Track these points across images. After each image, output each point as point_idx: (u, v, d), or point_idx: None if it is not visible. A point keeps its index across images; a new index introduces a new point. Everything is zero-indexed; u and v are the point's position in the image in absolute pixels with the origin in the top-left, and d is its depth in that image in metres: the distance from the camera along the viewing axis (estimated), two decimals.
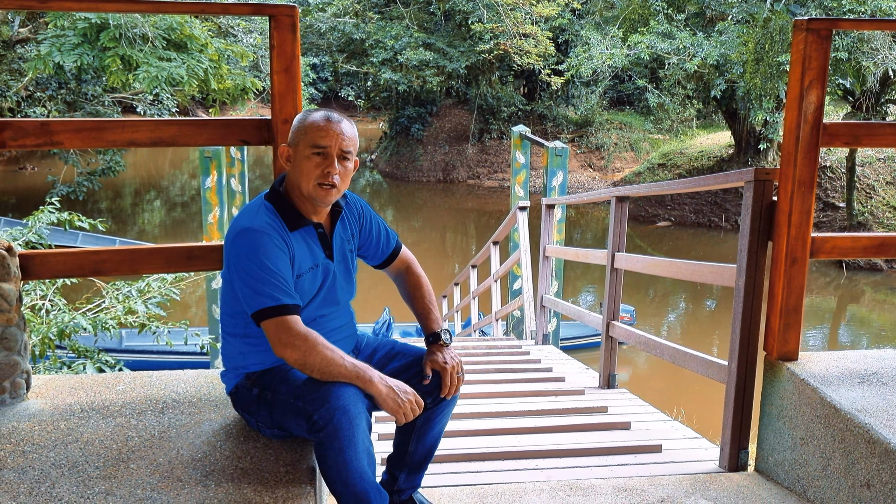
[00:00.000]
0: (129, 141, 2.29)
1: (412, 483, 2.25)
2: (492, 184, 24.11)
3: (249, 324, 2.01)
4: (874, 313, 13.60)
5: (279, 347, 1.91)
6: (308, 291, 2.04)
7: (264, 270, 1.91)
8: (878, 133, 2.59)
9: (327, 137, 1.98)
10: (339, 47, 24.42)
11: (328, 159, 1.99)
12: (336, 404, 1.83)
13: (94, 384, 2.47)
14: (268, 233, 1.94)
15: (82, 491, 1.85)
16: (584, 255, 5.27)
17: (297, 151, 2.00)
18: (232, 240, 1.96)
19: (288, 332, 1.90)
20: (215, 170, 9.80)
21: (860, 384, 2.53)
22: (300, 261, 2.01)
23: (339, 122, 2.00)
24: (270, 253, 1.92)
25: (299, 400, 1.91)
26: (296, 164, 2.01)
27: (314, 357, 1.89)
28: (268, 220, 1.97)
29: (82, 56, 10.40)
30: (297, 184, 2.01)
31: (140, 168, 27.99)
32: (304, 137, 1.99)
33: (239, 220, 1.99)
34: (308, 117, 2.01)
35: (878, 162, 17.21)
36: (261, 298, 1.91)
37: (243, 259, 1.93)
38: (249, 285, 1.92)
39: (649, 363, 10.90)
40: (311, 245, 2.05)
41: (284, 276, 1.94)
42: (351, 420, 1.83)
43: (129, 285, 5.36)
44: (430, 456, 2.24)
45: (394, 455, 2.24)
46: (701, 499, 2.52)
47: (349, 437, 1.83)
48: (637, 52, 18.02)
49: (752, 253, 2.74)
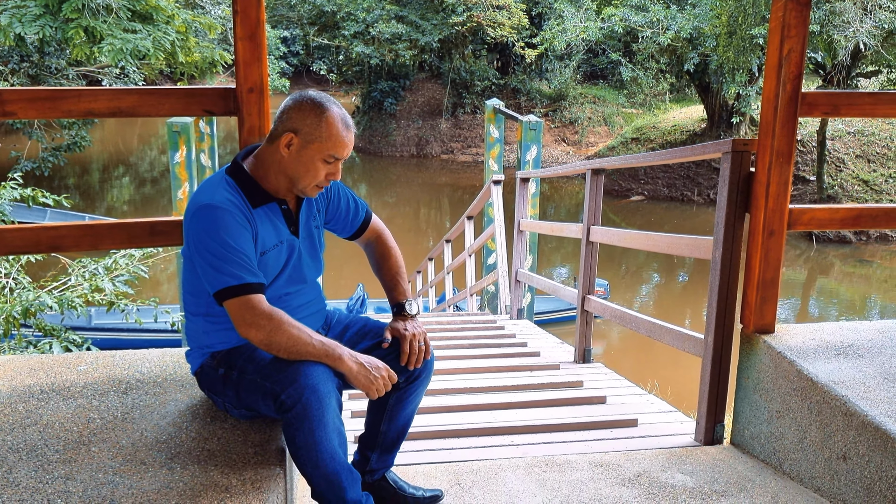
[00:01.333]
0: (86, 111, 2.19)
1: (385, 463, 2.20)
2: (466, 158, 24.01)
3: (212, 302, 1.93)
4: (843, 285, 13.78)
5: (243, 328, 1.83)
6: (272, 269, 1.97)
7: (226, 248, 1.82)
8: (858, 102, 2.56)
9: (346, 149, 1.91)
10: (310, 20, 24.06)
11: (335, 166, 1.93)
12: (304, 383, 1.76)
13: (54, 365, 2.38)
14: (229, 209, 1.85)
15: (41, 476, 1.77)
16: (560, 229, 5.23)
17: (307, 148, 1.88)
18: (191, 216, 1.87)
19: (252, 311, 1.82)
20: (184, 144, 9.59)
21: (836, 356, 2.52)
22: (263, 238, 1.93)
23: (352, 133, 1.93)
24: (232, 230, 1.84)
25: (266, 380, 1.85)
26: (301, 158, 1.89)
27: (280, 336, 1.82)
28: (229, 197, 1.88)
29: (44, 27, 10.11)
30: (292, 174, 1.91)
31: (108, 144, 27.48)
32: (324, 144, 1.88)
33: (198, 195, 1.89)
34: (328, 119, 1.88)
35: (849, 136, 17.36)
36: (222, 277, 1.83)
37: (203, 236, 1.84)
38: (210, 263, 1.83)
39: (623, 338, 10.96)
40: (274, 222, 1.97)
41: (247, 254, 1.85)
42: (320, 399, 1.77)
43: (95, 262, 5.24)
44: (402, 436, 2.19)
45: (365, 435, 2.18)
46: (677, 472, 2.50)
47: (318, 417, 1.77)
48: (611, 25, 17.94)
49: (730, 225, 2.70)
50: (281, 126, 1.90)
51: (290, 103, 1.92)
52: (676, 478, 2.46)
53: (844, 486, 2.22)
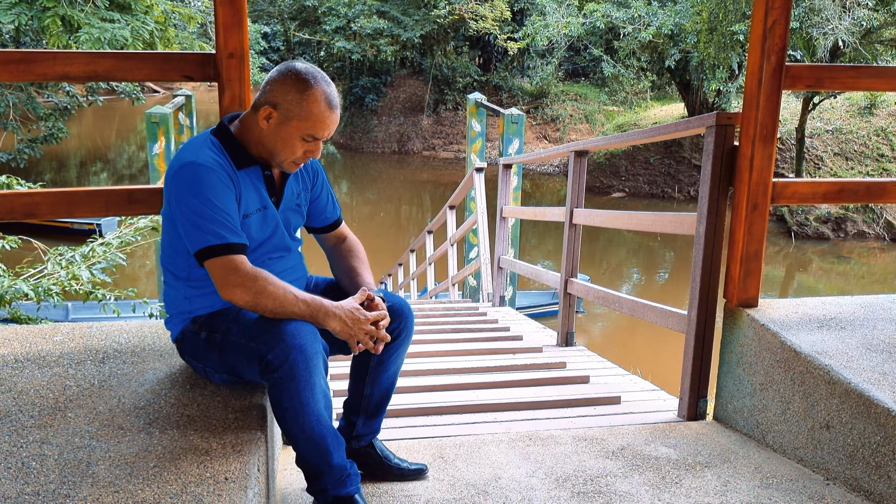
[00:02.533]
0: (62, 74, 2.14)
1: (371, 428, 2.17)
2: (447, 155, 23.99)
3: (193, 265, 1.90)
4: (821, 282, 13.90)
5: (226, 289, 1.79)
6: (257, 234, 1.93)
7: (208, 206, 1.78)
8: (840, 76, 2.57)
9: (324, 131, 1.86)
10: (290, 14, 23.98)
11: (316, 143, 1.89)
12: (291, 343, 1.73)
13: (29, 335, 2.33)
14: (213, 168, 1.81)
15: (15, 440, 1.73)
16: (542, 214, 5.22)
17: (287, 124, 1.84)
18: (174, 173, 1.83)
19: (235, 272, 1.79)
20: (163, 136, 9.50)
21: (819, 329, 2.52)
22: (247, 200, 1.89)
23: (336, 113, 1.87)
24: (216, 188, 1.80)
25: (252, 341, 1.81)
26: (279, 133, 1.85)
27: (265, 297, 1.78)
28: (214, 156, 1.84)
29: (20, 16, 9.96)
30: (270, 147, 1.87)
31: (85, 139, 27.18)
32: (302, 121, 1.82)
33: (182, 153, 1.85)
34: (311, 97, 1.82)
35: (827, 134, 17.53)
36: (205, 236, 1.79)
37: (186, 194, 1.79)
38: (193, 222, 1.79)
39: (604, 332, 11.00)
40: (257, 186, 1.93)
41: (230, 213, 1.82)
42: (307, 359, 1.74)
43: (72, 250, 5.16)
44: (386, 399, 2.15)
45: (349, 400, 2.15)
46: (661, 446, 2.50)
47: (306, 378, 1.74)
48: (592, 21, 18.00)
49: (713, 199, 2.70)
50: (262, 97, 1.87)
51: (274, 75, 1.87)
52: (660, 450, 2.45)
53: (827, 455, 2.22)
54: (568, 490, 2.15)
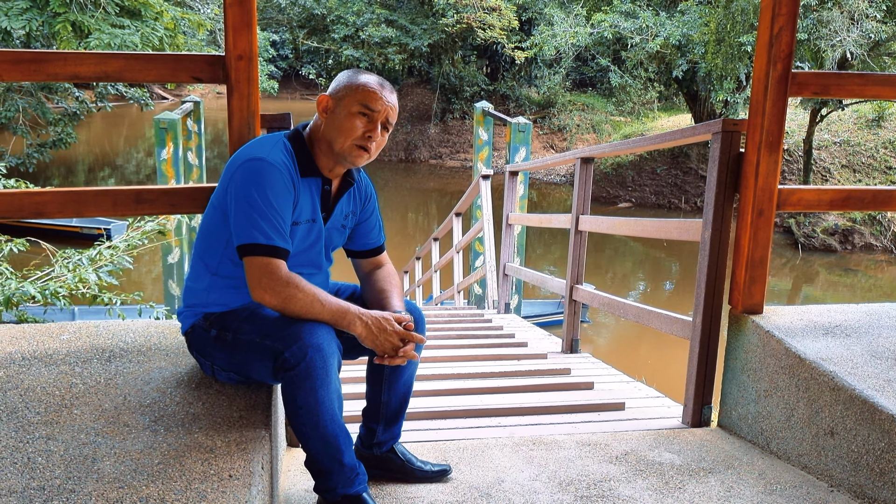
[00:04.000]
0: (72, 74, 2.16)
1: (391, 434, 2.17)
2: (454, 164, 24.01)
3: (224, 262, 1.92)
4: (828, 294, 13.84)
5: (257, 290, 1.81)
6: (297, 244, 1.94)
7: (266, 204, 1.81)
8: (847, 83, 2.57)
9: (379, 102, 1.91)
10: (299, 23, 24.06)
11: (373, 123, 1.91)
12: (310, 341, 1.75)
13: (36, 333, 2.34)
14: (280, 169, 1.84)
15: (21, 436, 1.74)
16: (548, 220, 5.23)
17: (340, 105, 1.91)
18: (240, 165, 1.85)
19: (270, 276, 1.80)
20: (171, 141, 9.52)
21: (824, 335, 2.52)
22: (301, 208, 1.92)
23: (391, 92, 1.95)
24: (278, 189, 1.83)
25: (268, 338, 1.82)
26: (336, 117, 1.91)
27: (294, 304, 1.80)
28: (282, 158, 1.88)
29: (31, 21, 10.04)
30: (330, 137, 1.92)
31: (94, 144, 27.31)
32: (353, 94, 1.90)
33: (252, 148, 1.88)
34: (360, 76, 1.93)
35: (834, 146, 17.51)
36: (253, 232, 1.80)
37: (248, 185, 1.82)
38: (247, 214, 1.81)
39: (609, 340, 10.97)
40: (314, 197, 1.96)
41: (284, 218, 1.84)
42: (325, 358, 1.76)
43: (79, 253, 5.18)
44: (405, 405, 2.16)
45: (368, 408, 2.16)
46: (665, 451, 2.49)
47: (322, 377, 1.76)
48: (600, 31, 18.03)
49: (719, 205, 2.70)
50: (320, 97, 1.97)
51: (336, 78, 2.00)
52: (664, 456, 2.45)
53: (832, 462, 2.21)
54: (571, 494, 2.15)
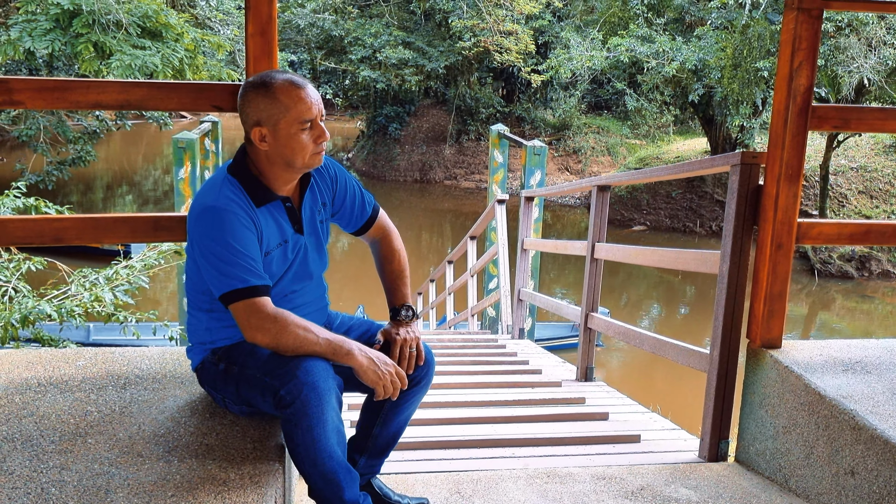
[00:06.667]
0: (94, 102, 2.18)
1: (371, 469, 2.15)
2: (469, 185, 24.05)
3: (215, 303, 1.91)
4: (845, 321, 13.71)
5: (249, 331, 1.80)
6: (277, 268, 1.93)
7: (230, 251, 1.79)
8: (868, 117, 2.55)
9: (311, 108, 1.84)
10: (317, 44, 24.25)
11: (316, 128, 1.86)
12: (304, 380, 1.73)
13: (52, 359, 2.35)
14: (233, 210, 1.81)
15: (35, 465, 1.74)
16: (564, 247, 5.22)
17: (277, 131, 1.83)
18: (195, 218, 1.83)
19: (257, 315, 1.79)
20: (189, 161, 9.60)
21: (844, 372, 2.48)
22: (268, 238, 1.89)
23: (308, 88, 1.86)
24: (237, 232, 1.80)
25: (266, 375, 1.81)
26: (281, 142, 1.84)
27: (286, 338, 1.79)
28: (232, 197, 1.84)
29: (54, 42, 10.18)
30: (285, 159, 1.86)
31: (112, 162, 27.58)
32: (284, 116, 1.82)
33: (201, 196, 1.85)
34: (276, 91, 1.82)
35: (851, 171, 17.40)
36: (228, 280, 1.79)
37: (207, 239, 1.80)
38: (215, 266, 1.80)
39: (623, 365, 10.90)
40: (279, 220, 1.93)
41: (252, 256, 1.82)
42: (320, 396, 1.74)
43: (96, 272, 5.21)
44: (393, 442, 2.14)
45: (356, 437, 2.13)
46: (681, 487, 2.46)
47: (318, 415, 1.74)
48: (616, 55, 18.07)
49: (738, 238, 2.68)
50: (246, 125, 1.87)
51: (239, 101, 1.88)
52: (680, 492, 2.41)
53: (852, 502, 2.18)
54: None
